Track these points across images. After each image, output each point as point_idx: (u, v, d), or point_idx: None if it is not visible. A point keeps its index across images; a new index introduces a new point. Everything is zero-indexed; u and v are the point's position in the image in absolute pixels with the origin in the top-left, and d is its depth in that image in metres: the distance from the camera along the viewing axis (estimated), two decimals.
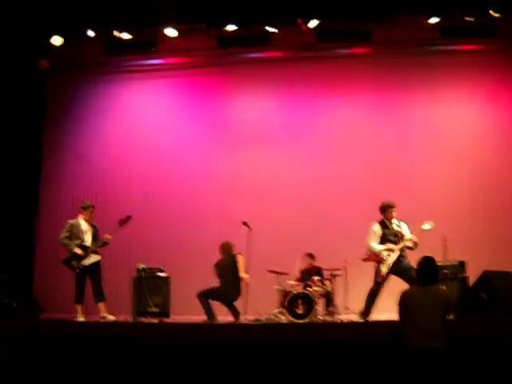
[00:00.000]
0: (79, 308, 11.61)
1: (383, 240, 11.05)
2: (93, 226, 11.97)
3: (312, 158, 14.51)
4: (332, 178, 14.28)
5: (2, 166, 14.10)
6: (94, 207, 12.03)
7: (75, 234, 11.78)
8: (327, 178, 14.29)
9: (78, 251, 11.59)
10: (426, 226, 10.92)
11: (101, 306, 11.65)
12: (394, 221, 11.18)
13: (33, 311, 11.49)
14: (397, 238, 11.01)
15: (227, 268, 12.03)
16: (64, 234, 11.79)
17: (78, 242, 11.71)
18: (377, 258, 11.05)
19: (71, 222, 11.89)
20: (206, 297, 11.87)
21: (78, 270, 11.60)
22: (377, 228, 11.15)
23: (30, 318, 11.00)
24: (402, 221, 11.20)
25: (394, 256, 10.85)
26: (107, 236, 11.77)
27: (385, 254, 10.88)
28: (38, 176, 15.15)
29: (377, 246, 11.02)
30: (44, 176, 15.22)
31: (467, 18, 13.09)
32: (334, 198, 14.04)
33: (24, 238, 14.41)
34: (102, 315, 11.56)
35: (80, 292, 11.71)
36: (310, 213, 14.09)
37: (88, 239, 11.81)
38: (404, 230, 11.14)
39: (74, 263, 11.61)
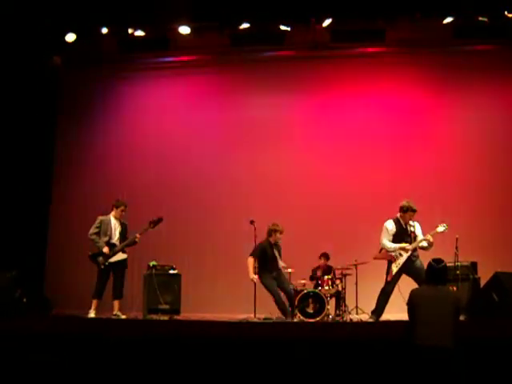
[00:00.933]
0: (94, 303, 11.56)
1: (397, 238, 10.83)
2: (122, 224, 11.92)
3: (324, 156, 14.53)
4: (345, 177, 14.31)
5: (16, 162, 14.12)
6: (126, 206, 11.95)
7: (104, 230, 11.72)
8: (340, 177, 14.33)
9: (106, 250, 11.56)
10: (441, 228, 10.76)
11: (116, 303, 11.62)
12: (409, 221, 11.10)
13: (43, 307, 11.50)
14: (410, 238, 10.82)
15: None
16: (93, 229, 11.73)
17: (106, 238, 11.69)
18: (388, 257, 10.89)
19: (101, 218, 11.82)
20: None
21: (102, 267, 11.58)
22: (390, 225, 10.91)
23: (41, 315, 10.99)
24: (416, 221, 11.08)
25: (405, 256, 10.74)
26: (137, 236, 11.75)
27: (396, 253, 10.79)
28: (51, 173, 15.18)
29: (389, 244, 10.79)
30: (57, 173, 15.25)
31: (481, 18, 13.06)
32: (346, 197, 14.05)
33: (36, 234, 14.44)
34: (114, 313, 11.53)
35: (100, 288, 11.65)
36: (321, 212, 14.11)
37: (116, 236, 11.79)
38: (417, 230, 10.97)
39: (100, 259, 11.55)
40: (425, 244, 10.75)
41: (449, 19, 13.20)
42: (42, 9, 12.91)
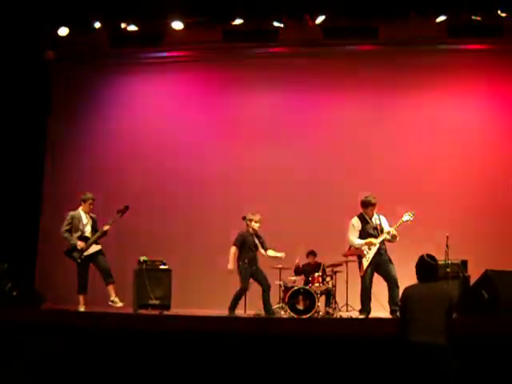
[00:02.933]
0: (81, 298, 11.56)
1: (363, 233, 11.07)
2: (92, 218, 11.92)
3: (317, 154, 14.52)
4: (337, 174, 14.29)
5: (7, 157, 14.08)
6: (93, 199, 11.93)
7: (76, 225, 11.71)
8: (332, 175, 14.30)
9: (79, 244, 11.54)
10: (406, 217, 10.93)
11: (111, 289, 11.63)
12: (374, 215, 11.21)
13: (34, 301, 11.47)
14: (376, 231, 11.04)
15: None
16: (65, 226, 11.70)
17: (78, 233, 11.66)
18: (357, 252, 11.13)
19: (72, 213, 11.81)
20: None
21: (79, 261, 11.56)
22: (356, 222, 11.18)
23: (31, 308, 10.96)
24: (382, 215, 11.24)
25: (373, 250, 10.89)
26: (106, 227, 11.73)
27: (365, 248, 10.92)
28: (42, 168, 15.12)
29: (356, 241, 11.05)
30: (48, 168, 15.19)
31: (474, 17, 13.07)
32: (338, 194, 14.01)
33: (27, 228, 14.40)
34: (111, 299, 11.52)
35: (82, 282, 11.65)
36: (312, 209, 14.11)
37: (88, 230, 11.77)
38: (383, 223, 11.15)
39: (75, 254, 11.55)
40: (388, 237, 10.91)
41: (442, 18, 13.20)
42: (34, 2, 12.87)
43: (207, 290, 13.75)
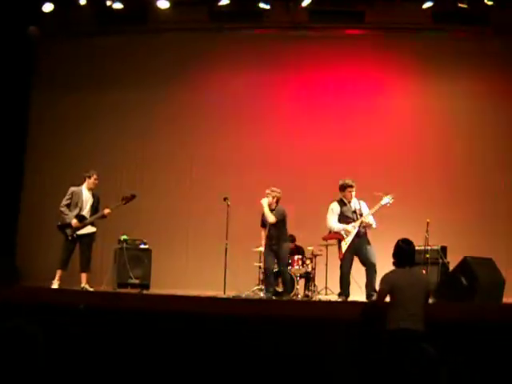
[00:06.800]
0: (59, 273, 11.33)
1: (342, 217, 11.12)
2: (94, 196, 11.75)
3: (300, 134, 14.47)
4: (320, 155, 14.23)
5: None
6: (97, 176, 11.80)
7: (75, 201, 11.51)
8: (315, 155, 14.25)
9: (74, 223, 11.40)
10: (385, 201, 10.93)
11: (83, 276, 11.43)
12: (354, 200, 11.24)
13: (11, 278, 11.40)
14: (355, 214, 11.10)
15: None
16: (64, 201, 11.50)
17: (76, 210, 11.52)
18: (336, 236, 11.18)
19: (73, 189, 11.59)
20: None
21: (70, 238, 11.41)
22: (335, 206, 11.22)
23: (8, 285, 10.87)
24: (362, 199, 11.27)
25: (352, 233, 10.95)
26: (107, 210, 11.60)
27: (343, 232, 10.98)
28: (24, 145, 14.99)
29: (335, 225, 11.10)
30: (30, 145, 15.05)
31: (460, 5, 13.06)
32: (319, 175, 13.92)
33: (7, 206, 14.28)
34: (82, 286, 11.39)
35: (65, 258, 11.44)
36: (293, 190, 13.99)
37: (87, 208, 11.64)
38: (363, 208, 11.19)
39: (68, 231, 11.34)
40: (365, 220, 10.97)
41: (428, 4, 13.19)
42: None
43: (187, 270, 13.75)
